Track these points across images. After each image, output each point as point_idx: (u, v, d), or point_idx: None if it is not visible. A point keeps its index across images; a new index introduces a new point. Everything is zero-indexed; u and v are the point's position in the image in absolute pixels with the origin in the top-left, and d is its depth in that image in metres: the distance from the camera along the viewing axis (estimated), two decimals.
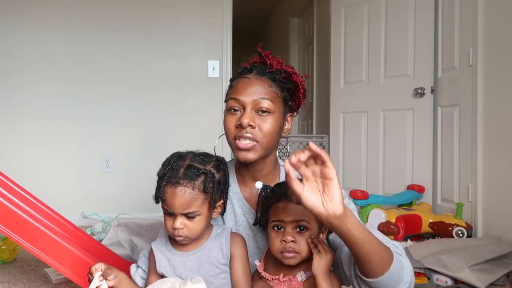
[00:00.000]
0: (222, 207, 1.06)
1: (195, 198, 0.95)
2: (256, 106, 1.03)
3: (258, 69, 1.08)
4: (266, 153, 1.08)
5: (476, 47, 2.25)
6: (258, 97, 1.03)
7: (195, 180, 0.96)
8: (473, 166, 2.26)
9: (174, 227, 0.96)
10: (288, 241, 0.93)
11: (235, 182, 1.15)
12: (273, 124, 1.04)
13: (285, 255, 0.94)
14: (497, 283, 1.64)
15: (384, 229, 2.14)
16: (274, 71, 1.08)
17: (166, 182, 0.96)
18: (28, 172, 2.75)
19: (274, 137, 1.06)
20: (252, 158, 1.04)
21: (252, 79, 1.06)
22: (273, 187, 1.04)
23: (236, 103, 1.04)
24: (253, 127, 1.02)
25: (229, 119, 1.05)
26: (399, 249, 0.94)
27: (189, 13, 3.02)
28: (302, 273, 0.95)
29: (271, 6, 5.84)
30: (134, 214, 2.53)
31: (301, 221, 0.94)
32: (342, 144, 3.18)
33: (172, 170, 0.97)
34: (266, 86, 1.05)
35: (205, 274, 0.99)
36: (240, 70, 1.10)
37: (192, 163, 0.98)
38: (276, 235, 0.96)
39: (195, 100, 3.02)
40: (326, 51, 3.71)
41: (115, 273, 0.97)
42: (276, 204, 0.97)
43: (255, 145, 1.03)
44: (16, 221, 1.30)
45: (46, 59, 2.84)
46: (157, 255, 1.03)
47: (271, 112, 1.04)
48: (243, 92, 1.04)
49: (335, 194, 0.78)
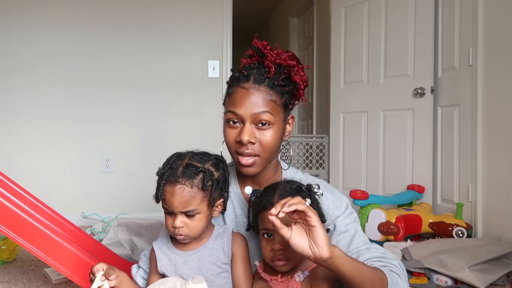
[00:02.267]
0: (223, 205, 1.06)
1: (193, 196, 0.96)
2: (256, 120, 1.00)
3: (256, 75, 1.02)
4: (268, 164, 1.07)
5: (476, 47, 2.25)
6: (257, 110, 1.00)
7: (194, 178, 0.96)
8: (473, 166, 2.26)
9: (175, 225, 0.96)
10: (277, 249, 0.92)
11: (236, 183, 1.15)
12: (274, 137, 1.02)
13: (276, 263, 0.94)
14: (497, 283, 1.64)
15: (384, 229, 2.14)
16: (272, 77, 1.02)
17: (165, 181, 0.97)
18: (28, 172, 2.75)
19: (275, 148, 1.05)
20: (254, 172, 1.04)
21: (249, 89, 1.00)
22: (260, 194, 1.03)
23: (234, 116, 1.02)
24: (253, 143, 1.01)
25: (229, 132, 1.03)
26: (397, 267, 0.96)
27: (189, 13, 3.02)
28: (299, 273, 0.95)
29: (271, 6, 5.84)
30: (134, 214, 2.53)
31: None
32: (342, 144, 3.18)
33: (171, 169, 0.98)
34: (264, 96, 1.00)
35: (206, 273, 0.99)
36: (237, 75, 1.04)
37: (190, 162, 0.99)
38: (266, 243, 0.96)
39: (195, 100, 3.02)
40: (326, 51, 3.71)
41: (116, 273, 0.97)
42: (262, 212, 0.96)
43: (255, 160, 1.02)
44: (16, 221, 1.30)
45: (46, 59, 2.84)
46: (158, 254, 1.03)
47: (271, 124, 1.02)
48: (241, 105, 1.00)
49: (319, 239, 0.81)
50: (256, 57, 1.07)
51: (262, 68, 1.03)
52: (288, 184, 1.00)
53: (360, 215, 2.27)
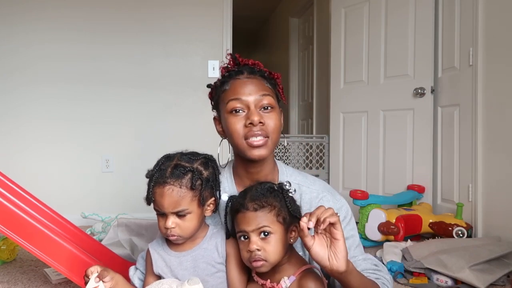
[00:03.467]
0: (214, 204, 1.05)
1: (183, 196, 0.96)
2: (259, 104, 1.04)
3: (248, 69, 1.07)
4: (274, 149, 1.09)
5: (476, 47, 2.25)
6: (259, 94, 1.04)
7: (182, 178, 0.97)
8: (473, 166, 2.26)
9: (166, 226, 0.97)
10: (253, 250, 0.92)
11: (233, 183, 1.15)
12: (278, 118, 1.06)
13: (253, 264, 0.94)
14: (497, 283, 1.64)
15: (384, 229, 2.14)
16: (261, 69, 1.08)
17: (154, 183, 0.97)
18: (28, 172, 2.75)
19: (279, 132, 1.08)
20: (265, 154, 1.04)
21: (246, 80, 1.05)
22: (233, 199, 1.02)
23: (238, 103, 1.03)
24: (263, 123, 1.03)
25: (234, 121, 1.04)
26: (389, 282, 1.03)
27: (189, 13, 3.02)
28: (286, 279, 0.96)
29: (271, 6, 5.84)
30: (134, 214, 2.53)
31: (263, 227, 0.93)
32: (342, 144, 3.18)
33: (160, 171, 0.98)
34: (261, 83, 1.06)
35: (201, 273, 1.00)
36: (228, 73, 1.09)
37: (179, 162, 1.00)
38: (243, 245, 0.96)
39: (195, 100, 3.02)
40: (326, 51, 3.70)
41: (111, 274, 0.97)
42: (237, 216, 0.97)
43: (267, 141, 1.04)
44: (16, 221, 1.30)
45: (46, 59, 2.84)
46: (154, 256, 1.04)
47: (273, 107, 1.06)
48: (243, 92, 1.04)
49: (340, 253, 0.86)
50: (232, 66, 1.12)
51: (248, 66, 1.09)
52: (260, 185, 1.00)
53: (360, 215, 2.27)
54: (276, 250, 0.93)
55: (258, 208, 0.94)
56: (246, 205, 0.95)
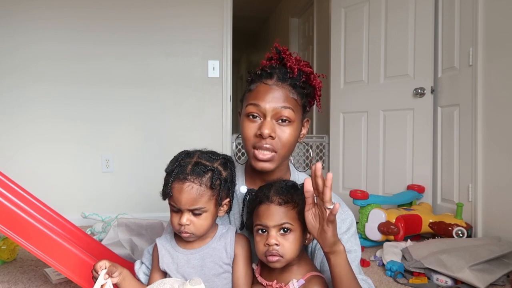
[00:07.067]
0: (228, 205, 1.05)
1: (202, 194, 0.96)
2: (277, 115, 1.01)
3: (279, 74, 1.04)
4: (283, 162, 1.07)
5: (476, 47, 2.25)
6: (279, 105, 1.01)
7: (202, 177, 0.97)
8: (473, 166, 2.26)
9: (181, 223, 0.96)
10: (272, 244, 0.92)
11: (243, 183, 1.15)
12: (293, 134, 1.03)
13: (269, 258, 0.94)
14: (497, 283, 1.64)
15: (384, 229, 2.14)
16: (294, 77, 1.04)
17: (173, 178, 0.96)
18: (28, 172, 2.75)
19: (292, 146, 1.06)
20: (269, 168, 1.03)
21: (273, 86, 1.02)
22: (256, 190, 1.03)
23: (256, 110, 1.02)
24: (273, 138, 1.01)
25: (248, 126, 1.03)
26: None
27: (189, 13, 3.02)
28: (294, 281, 0.95)
29: (271, 6, 5.84)
30: (134, 214, 2.53)
31: (284, 223, 0.93)
32: (342, 144, 3.18)
33: (180, 167, 0.97)
34: (287, 93, 1.02)
35: (207, 272, 1.00)
36: (259, 73, 1.05)
37: (199, 160, 0.99)
38: (260, 238, 0.96)
39: (195, 100, 3.02)
40: (326, 51, 3.70)
41: (119, 270, 0.97)
42: (258, 207, 0.97)
43: (273, 156, 1.02)
44: (16, 221, 1.30)
45: (46, 59, 2.84)
46: (161, 251, 1.04)
47: (291, 121, 1.03)
48: (263, 99, 1.01)
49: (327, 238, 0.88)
50: (275, 60, 1.09)
51: (284, 69, 1.05)
52: (284, 182, 1.01)
53: (360, 215, 2.27)
54: (294, 248, 0.93)
55: (283, 203, 0.94)
56: (271, 198, 0.94)
